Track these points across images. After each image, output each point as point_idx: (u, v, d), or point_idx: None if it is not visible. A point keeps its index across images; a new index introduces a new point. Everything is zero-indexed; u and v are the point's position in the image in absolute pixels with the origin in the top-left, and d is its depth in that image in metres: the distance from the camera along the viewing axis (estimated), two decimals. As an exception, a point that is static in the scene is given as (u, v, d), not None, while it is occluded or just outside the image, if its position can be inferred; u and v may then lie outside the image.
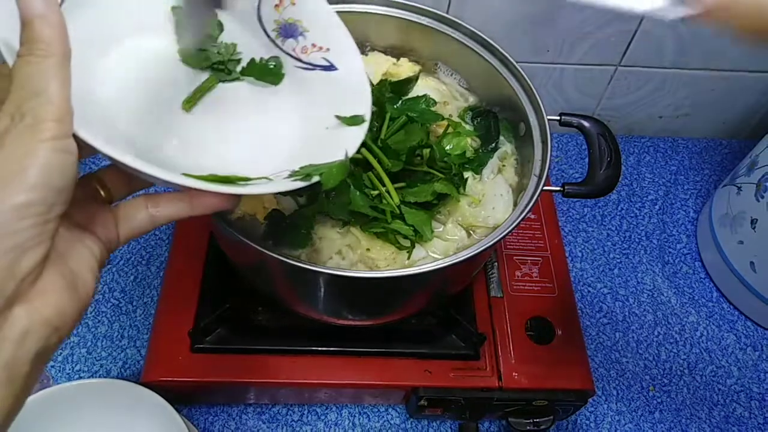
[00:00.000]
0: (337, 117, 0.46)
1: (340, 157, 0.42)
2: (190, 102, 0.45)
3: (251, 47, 0.48)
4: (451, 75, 0.66)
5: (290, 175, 0.41)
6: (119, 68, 0.42)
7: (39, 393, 0.59)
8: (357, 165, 0.54)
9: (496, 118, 0.62)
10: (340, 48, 0.48)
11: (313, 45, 0.48)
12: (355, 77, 0.48)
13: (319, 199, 0.54)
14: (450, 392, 0.65)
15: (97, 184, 0.37)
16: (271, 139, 0.46)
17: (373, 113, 0.57)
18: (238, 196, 0.38)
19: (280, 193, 0.42)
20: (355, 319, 0.65)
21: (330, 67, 0.48)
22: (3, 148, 0.28)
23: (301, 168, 0.41)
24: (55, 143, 0.28)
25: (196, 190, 0.35)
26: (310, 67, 0.49)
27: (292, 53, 0.49)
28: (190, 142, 0.43)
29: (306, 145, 0.46)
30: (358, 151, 0.54)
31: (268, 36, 0.49)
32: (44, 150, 0.28)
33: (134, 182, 0.38)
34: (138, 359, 0.73)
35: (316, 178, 0.41)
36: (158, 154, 0.40)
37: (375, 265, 0.54)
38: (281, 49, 0.49)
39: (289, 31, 0.48)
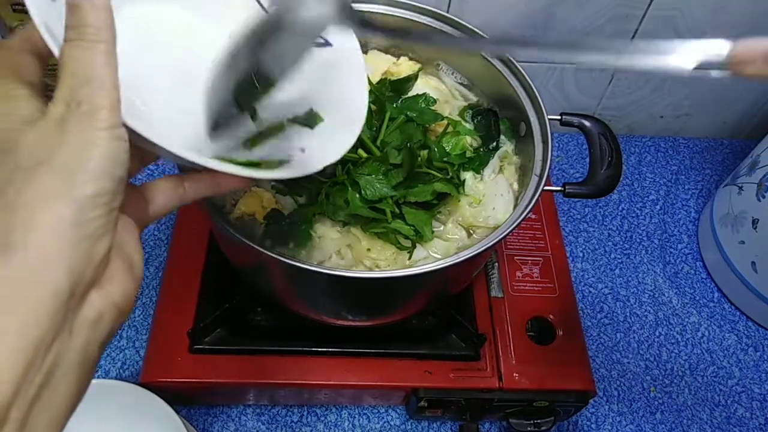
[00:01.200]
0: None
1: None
2: (255, 143, 0.44)
3: (239, 15, 0.46)
4: (452, 74, 0.66)
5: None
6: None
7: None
8: (354, 165, 0.53)
9: (496, 117, 0.62)
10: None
11: None
12: (350, 56, 0.48)
13: (319, 199, 0.54)
14: (450, 393, 0.65)
15: None
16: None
17: (372, 112, 0.58)
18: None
19: (304, 175, 0.42)
20: (355, 320, 0.65)
21: (325, 44, 0.48)
22: (66, 136, 0.28)
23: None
24: (113, 132, 0.29)
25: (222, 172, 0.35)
26: None
27: None
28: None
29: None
30: (356, 151, 0.54)
31: (261, 5, 0.48)
32: (103, 139, 0.28)
33: (145, 159, 0.38)
34: (137, 360, 0.72)
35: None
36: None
37: (375, 265, 0.54)
38: None
39: None
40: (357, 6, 0.61)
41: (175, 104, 0.41)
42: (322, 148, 0.44)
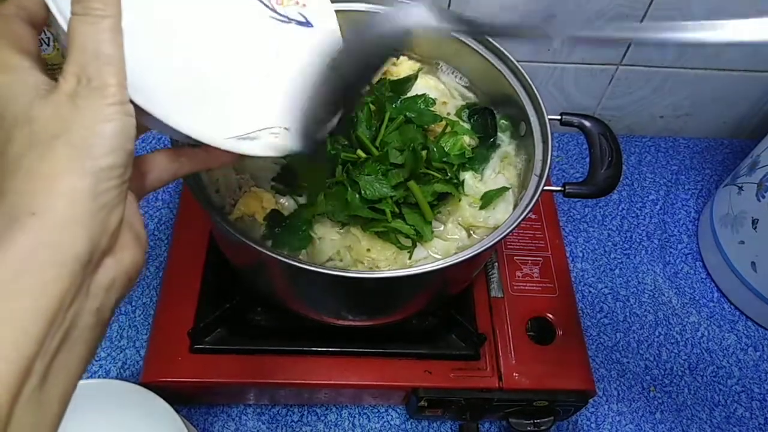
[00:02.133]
0: None
1: None
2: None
3: None
4: (452, 74, 0.66)
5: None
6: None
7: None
8: (353, 165, 0.54)
9: (492, 115, 0.62)
10: (317, 6, 0.48)
11: None
12: (330, 37, 0.48)
13: (318, 200, 0.54)
14: (450, 393, 0.65)
15: None
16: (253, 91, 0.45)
17: (371, 112, 0.58)
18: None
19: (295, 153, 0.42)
20: (355, 320, 0.65)
21: (306, 23, 0.48)
22: (79, 111, 0.29)
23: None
24: (122, 107, 0.30)
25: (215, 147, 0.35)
26: (285, 19, 0.48)
27: (267, 3, 0.48)
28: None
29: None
30: (355, 152, 0.54)
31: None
32: (115, 114, 0.29)
33: (138, 131, 0.37)
34: (137, 360, 0.72)
35: None
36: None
37: (375, 265, 0.54)
38: None
39: None
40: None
41: (172, 78, 0.40)
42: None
